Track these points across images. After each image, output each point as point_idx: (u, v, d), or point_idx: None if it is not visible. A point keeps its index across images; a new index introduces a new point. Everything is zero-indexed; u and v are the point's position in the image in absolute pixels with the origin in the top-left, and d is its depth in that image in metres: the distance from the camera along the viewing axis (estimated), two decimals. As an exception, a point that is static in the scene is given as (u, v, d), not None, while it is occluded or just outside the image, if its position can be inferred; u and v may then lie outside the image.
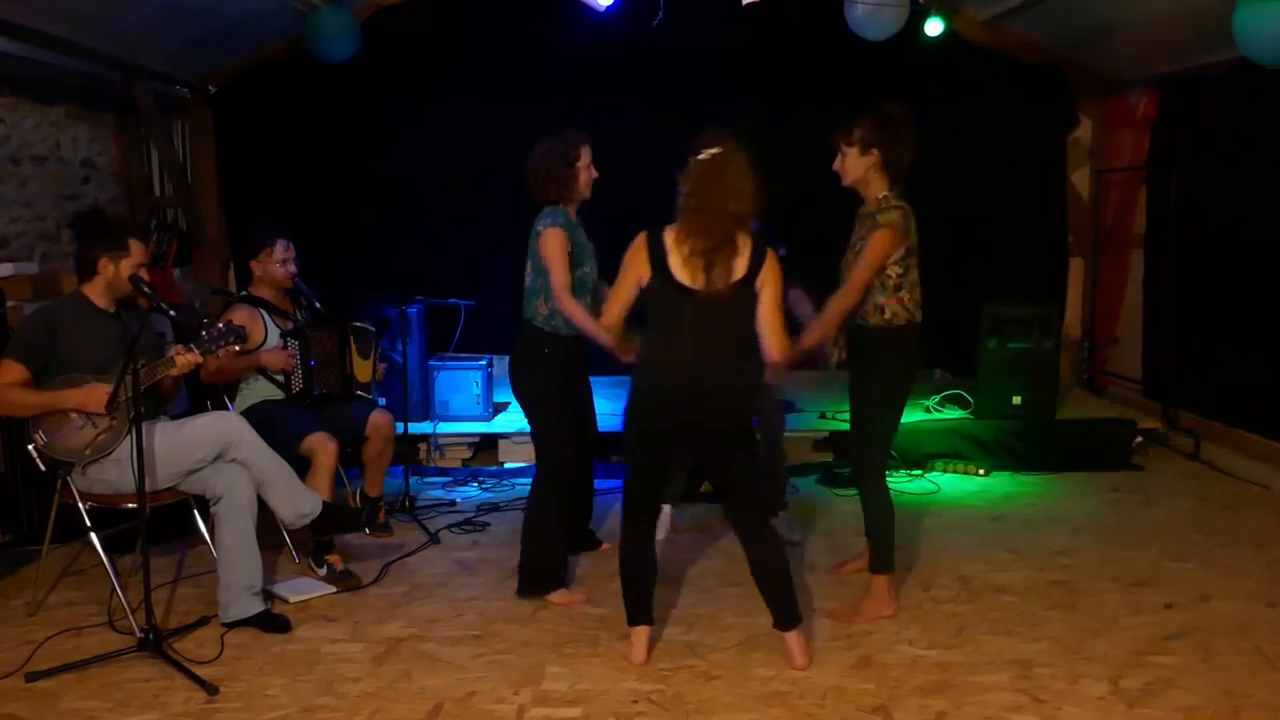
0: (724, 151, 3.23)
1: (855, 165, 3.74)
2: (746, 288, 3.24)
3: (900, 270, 3.70)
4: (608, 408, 5.12)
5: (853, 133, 3.72)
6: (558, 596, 3.98)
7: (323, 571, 4.19)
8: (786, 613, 3.43)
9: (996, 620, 3.82)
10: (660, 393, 3.32)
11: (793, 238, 4.44)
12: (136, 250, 3.78)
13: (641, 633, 3.48)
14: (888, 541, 3.82)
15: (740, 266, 3.22)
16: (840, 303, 3.72)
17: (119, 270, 3.75)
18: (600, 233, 4.03)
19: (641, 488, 3.46)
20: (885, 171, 3.71)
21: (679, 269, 3.22)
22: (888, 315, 3.71)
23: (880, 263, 3.67)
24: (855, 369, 3.85)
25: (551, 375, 3.94)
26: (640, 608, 3.47)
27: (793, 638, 3.44)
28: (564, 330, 3.88)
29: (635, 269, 3.29)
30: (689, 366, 3.26)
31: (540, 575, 3.99)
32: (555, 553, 4.02)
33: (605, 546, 4.50)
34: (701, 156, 3.25)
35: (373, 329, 4.77)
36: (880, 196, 3.72)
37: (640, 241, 3.29)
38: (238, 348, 3.88)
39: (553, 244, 3.82)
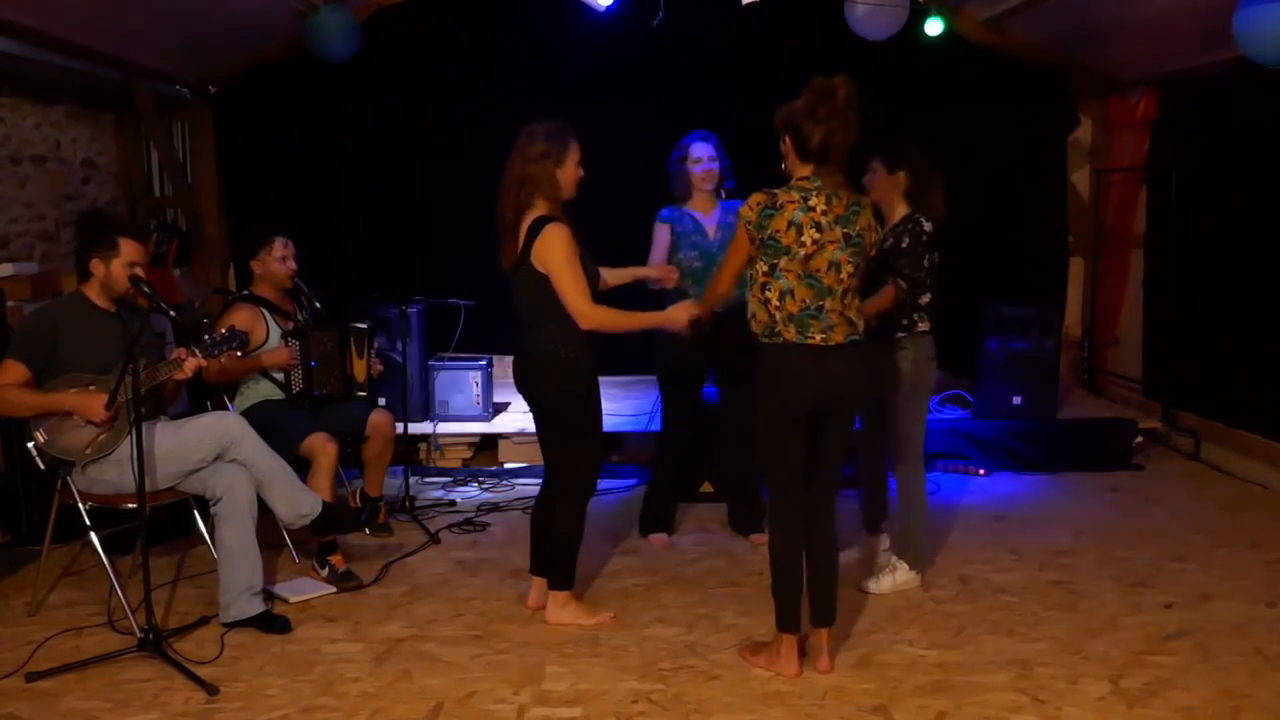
0: (519, 143, 3.55)
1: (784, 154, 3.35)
2: (523, 265, 3.53)
3: (765, 269, 3.24)
4: (610, 408, 5.12)
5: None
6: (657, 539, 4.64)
7: (325, 572, 4.20)
8: (559, 578, 3.76)
9: (996, 620, 3.82)
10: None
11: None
12: (128, 248, 3.78)
13: (535, 581, 3.91)
14: (782, 599, 3.36)
15: (517, 248, 3.55)
16: (711, 286, 3.61)
17: (110, 270, 3.76)
18: (602, 229, 4.05)
19: None
20: (799, 156, 3.26)
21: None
22: (749, 315, 3.32)
23: (731, 258, 3.35)
24: None
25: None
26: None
27: (549, 590, 3.79)
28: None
29: None
30: (519, 329, 3.67)
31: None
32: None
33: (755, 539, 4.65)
34: None
35: (365, 326, 4.78)
36: None
37: None
38: (239, 353, 3.90)
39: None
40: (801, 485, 3.34)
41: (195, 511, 4.18)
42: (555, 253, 3.47)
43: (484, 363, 5.93)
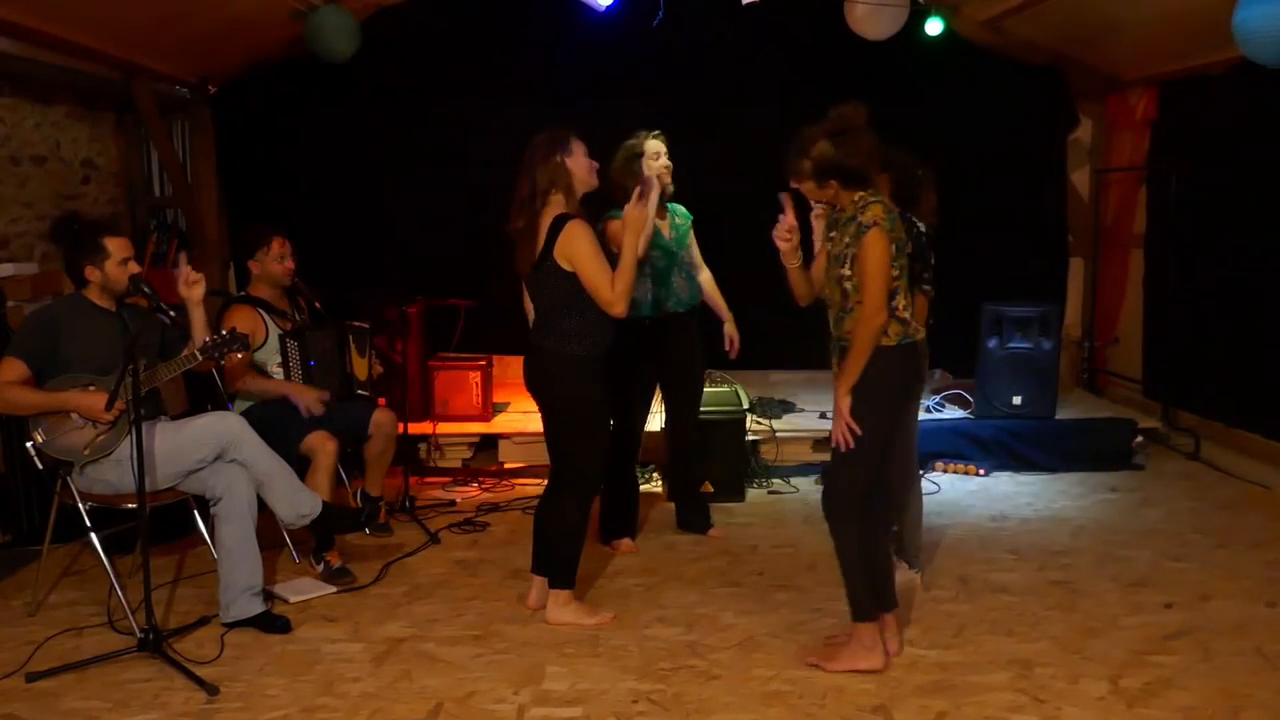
0: (524, 158, 3.58)
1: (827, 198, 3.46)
2: (544, 262, 3.54)
3: (894, 273, 3.29)
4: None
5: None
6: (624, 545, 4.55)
7: (320, 568, 4.20)
8: (560, 576, 3.79)
9: (996, 620, 3.82)
10: None
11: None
12: (115, 246, 3.77)
13: (536, 581, 3.93)
14: (877, 587, 3.45)
15: (538, 247, 3.55)
16: (869, 316, 3.25)
17: (106, 272, 3.75)
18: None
19: None
20: (847, 186, 3.34)
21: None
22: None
23: (878, 274, 3.24)
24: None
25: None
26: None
27: (549, 589, 3.83)
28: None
29: None
30: (533, 325, 3.75)
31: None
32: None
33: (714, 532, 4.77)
34: None
35: (367, 327, 4.78)
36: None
37: None
38: (240, 355, 3.91)
39: None
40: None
41: (195, 511, 4.18)
42: (581, 246, 3.50)
43: (484, 363, 5.93)
